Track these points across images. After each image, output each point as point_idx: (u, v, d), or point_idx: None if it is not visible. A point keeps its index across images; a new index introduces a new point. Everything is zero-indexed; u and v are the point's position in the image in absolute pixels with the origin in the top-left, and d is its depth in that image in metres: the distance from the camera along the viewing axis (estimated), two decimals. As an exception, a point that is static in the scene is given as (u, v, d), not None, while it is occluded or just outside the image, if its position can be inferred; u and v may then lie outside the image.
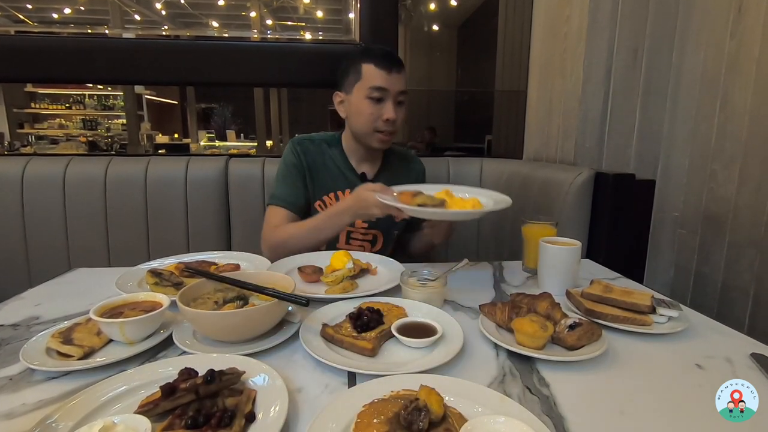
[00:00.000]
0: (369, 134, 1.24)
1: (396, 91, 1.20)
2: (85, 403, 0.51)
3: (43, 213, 1.53)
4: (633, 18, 1.49)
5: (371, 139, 1.24)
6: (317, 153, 1.31)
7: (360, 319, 0.71)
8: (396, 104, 1.21)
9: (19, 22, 5.92)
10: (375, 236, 1.33)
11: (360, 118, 1.23)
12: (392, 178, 1.32)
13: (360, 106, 1.22)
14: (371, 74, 1.19)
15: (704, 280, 1.42)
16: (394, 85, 1.19)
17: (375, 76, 1.19)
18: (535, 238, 1.00)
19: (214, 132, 8.63)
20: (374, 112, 1.20)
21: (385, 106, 1.20)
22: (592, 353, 0.64)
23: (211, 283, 0.77)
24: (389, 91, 1.19)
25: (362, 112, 1.22)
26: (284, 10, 6.90)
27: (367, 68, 1.20)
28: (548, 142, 1.78)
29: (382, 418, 0.48)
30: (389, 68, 1.19)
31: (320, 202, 1.29)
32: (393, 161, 1.39)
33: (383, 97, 1.19)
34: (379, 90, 1.19)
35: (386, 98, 1.20)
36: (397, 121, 1.23)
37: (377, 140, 1.24)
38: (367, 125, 1.22)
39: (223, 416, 0.47)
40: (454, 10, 6.42)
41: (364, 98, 1.20)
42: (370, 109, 1.20)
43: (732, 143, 1.30)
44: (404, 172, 1.38)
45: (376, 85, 1.18)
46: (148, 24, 6.89)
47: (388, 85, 1.19)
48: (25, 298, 0.89)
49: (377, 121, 1.21)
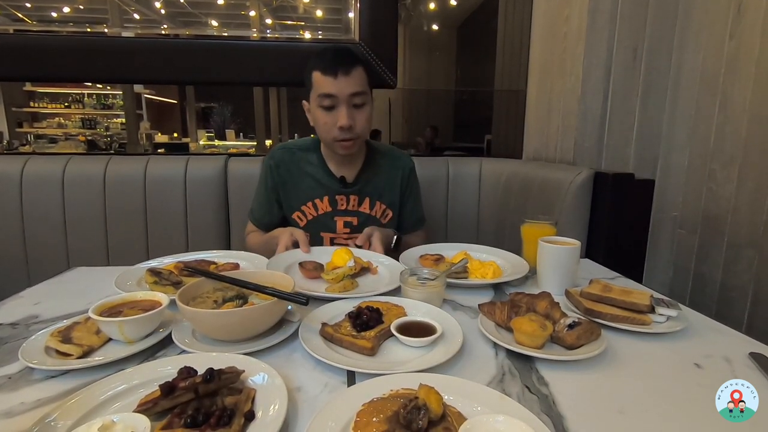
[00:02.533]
0: (330, 143, 1.20)
1: (346, 94, 1.13)
2: (84, 402, 0.51)
3: (42, 212, 1.53)
4: (632, 18, 1.49)
5: (334, 147, 1.20)
6: (292, 163, 1.29)
7: (359, 318, 0.71)
8: (351, 107, 1.15)
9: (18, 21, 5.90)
10: None
11: (318, 127, 1.20)
12: (374, 177, 1.31)
13: (315, 115, 1.18)
14: (318, 82, 1.14)
15: (703, 280, 1.42)
16: (344, 88, 1.13)
17: (322, 84, 1.13)
18: (534, 237, 1.00)
19: (213, 131, 8.62)
20: (328, 120, 1.15)
21: (337, 112, 1.14)
22: (591, 352, 0.64)
23: (210, 282, 0.77)
24: (338, 97, 1.13)
25: (318, 121, 1.18)
26: (284, 9, 6.89)
27: (315, 76, 1.15)
28: (548, 141, 1.78)
29: (381, 416, 0.48)
30: (335, 72, 1.12)
31: (299, 212, 1.28)
32: (376, 160, 1.34)
33: (333, 104, 1.14)
34: (328, 97, 1.13)
35: (337, 104, 1.14)
36: (357, 125, 1.17)
37: (339, 148, 1.19)
38: (326, 134, 1.18)
39: (222, 415, 0.47)
40: (453, 10, 6.41)
41: (317, 107, 1.16)
42: (324, 118, 1.16)
43: (731, 143, 1.30)
44: (388, 169, 1.35)
45: (324, 92, 1.13)
46: (147, 23, 6.87)
47: (335, 91, 1.12)
48: (24, 297, 0.88)
49: (332, 129, 1.16)
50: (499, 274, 1.00)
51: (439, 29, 6.91)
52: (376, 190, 1.32)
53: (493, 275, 0.99)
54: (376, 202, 1.31)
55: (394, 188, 1.35)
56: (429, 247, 1.16)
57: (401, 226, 1.38)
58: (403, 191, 1.37)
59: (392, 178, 1.35)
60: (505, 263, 1.08)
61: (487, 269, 1.00)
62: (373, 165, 1.33)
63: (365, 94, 1.17)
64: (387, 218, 1.33)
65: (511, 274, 1.00)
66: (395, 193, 1.35)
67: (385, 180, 1.34)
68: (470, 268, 1.00)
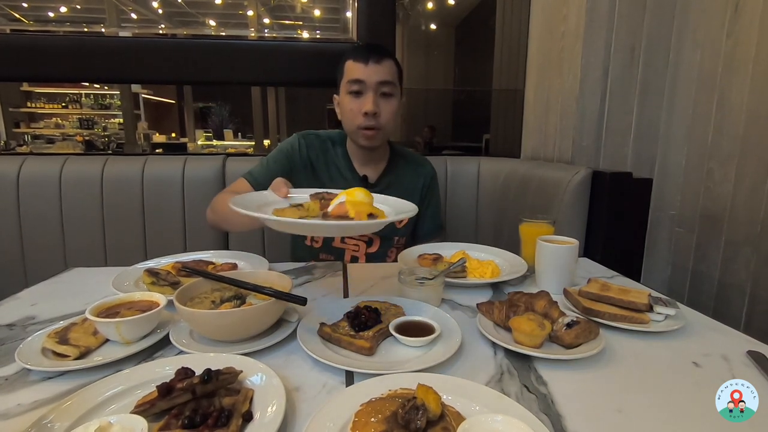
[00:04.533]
0: (354, 132, 1.20)
1: (374, 81, 1.14)
2: (81, 403, 0.51)
3: (39, 212, 1.52)
4: (630, 17, 1.49)
5: (357, 137, 1.20)
6: (321, 150, 1.28)
7: (358, 318, 0.70)
8: (378, 96, 1.15)
9: (15, 21, 5.89)
10: (371, 238, 1.30)
11: (344, 116, 1.20)
12: (396, 181, 1.30)
13: (343, 103, 1.19)
14: (350, 68, 1.16)
15: (701, 278, 1.42)
16: (372, 75, 1.14)
17: (352, 70, 1.15)
18: (532, 236, 1.01)
19: (211, 131, 8.61)
20: (354, 107, 1.16)
21: (364, 99, 1.15)
22: (589, 351, 0.64)
23: (208, 283, 0.77)
24: (366, 83, 1.14)
25: (344, 108, 1.19)
26: (282, 8, 6.88)
27: (348, 64, 1.17)
28: (546, 140, 1.78)
29: (379, 417, 0.48)
30: (366, 59, 1.14)
31: None
32: (399, 164, 1.34)
33: (361, 89, 1.15)
34: (357, 83, 1.14)
35: (365, 91, 1.15)
36: (382, 115, 1.16)
37: (362, 137, 1.19)
38: (350, 122, 1.19)
39: (220, 416, 0.47)
40: (451, 9, 6.41)
41: (346, 94, 1.17)
42: (351, 104, 1.16)
43: (729, 141, 1.31)
44: (411, 175, 1.35)
45: (353, 77, 1.14)
46: (144, 22, 6.86)
47: (364, 77, 1.14)
48: (21, 298, 0.88)
49: (357, 116, 1.16)
50: (498, 274, 1.00)
51: (437, 29, 6.91)
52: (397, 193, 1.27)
53: (491, 274, 0.99)
54: None
55: (414, 195, 1.34)
56: (427, 247, 1.16)
57: (419, 233, 1.37)
58: (423, 199, 1.37)
59: (414, 185, 1.35)
60: (503, 262, 1.08)
61: (485, 268, 1.00)
62: (395, 168, 1.33)
63: (394, 84, 1.18)
64: (402, 223, 1.32)
65: (510, 274, 1.00)
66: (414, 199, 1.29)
67: (406, 185, 1.33)
68: (469, 268, 1.00)
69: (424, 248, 1.15)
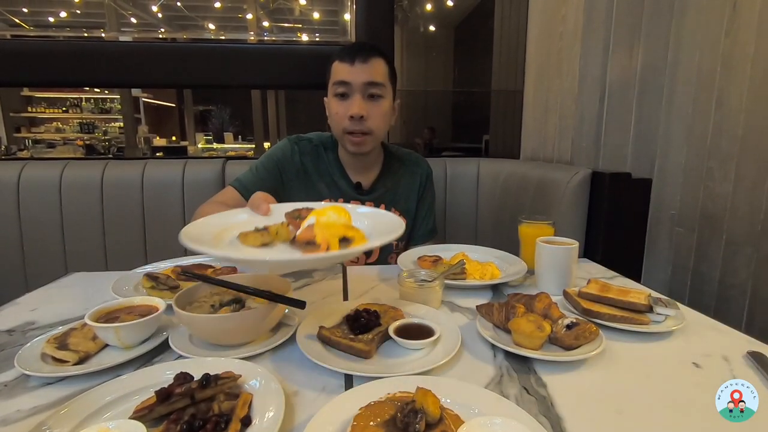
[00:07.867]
0: (341, 137, 1.12)
1: (361, 82, 1.06)
2: (81, 409, 0.51)
3: (39, 217, 1.53)
4: (628, 17, 1.49)
5: (345, 142, 1.13)
6: (314, 156, 1.22)
7: (357, 321, 0.70)
8: (366, 98, 1.07)
9: (16, 26, 5.91)
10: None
11: (331, 119, 1.13)
12: (393, 187, 1.26)
13: (330, 106, 1.13)
14: (336, 69, 1.09)
15: (701, 279, 1.42)
16: (358, 76, 1.06)
17: (338, 71, 1.08)
18: (532, 237, 1.00)
19: (211, 134, 8.62)
20: (340, 110, 1.08)
21: (350, 101, 1.07)
22: (589, 353, 0.64)
23: (207, 287, 0.77)
24: (352, 84, 1.06)
25: (330, 111, 1.13)
26: (281, 12, 6.90)
27: (334, 65, 1.10)
28: (545, 141, 1.78)
29: (378, 420, 0.48)
30: (352, 59, 1.06)
31: None
32: (394, 168, 1.28)
33: (347, 91, 1.07)
34: (342, 84, 1.07)
35: (351, 93, 1.07)
36: (370, 118, 1.08)
37: (349, 143, 1.12)
38: (337, 126, 1.12)
39: (218, 421, 0.47)
40: (450, 11, 6.43)
41: (333, 96, 1.11)
42: (337, 108, 1.09)
43: (728, 141, 1.30)
44: (407, 178, 1.30)
45: (338, 79, 1.07)
46: (144, 27, 6.89)
47: (350, 78, 1.06)
48: (20, 304, 0.88)
49: (344, 120, 1.08)
50: (497, 275, 1.00)
51: (435, 30, 6.92)
52: (393, 197, 1.26)
53: (491, 276, 0.99)
54: (392, 209, 1.27)
55: (411, 195, 1.30)
56: (427, 249, 1.16)
57: (414, 234, 1.33)
58: (419, 198, 1.32)
59: (410, 185, 1.30)
60: (503, 264, 1.08)
61: (485, 270, 1.00)
62: (390, 172, 1.27)
63: (382, 86, 1.10)
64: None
65: (509, 275, 1.00)
66: (412, 200, 1.29)
67: (402, 187, 1.28)
68: (468, 269, 1.00)
69: (423, 250, 1.14)
